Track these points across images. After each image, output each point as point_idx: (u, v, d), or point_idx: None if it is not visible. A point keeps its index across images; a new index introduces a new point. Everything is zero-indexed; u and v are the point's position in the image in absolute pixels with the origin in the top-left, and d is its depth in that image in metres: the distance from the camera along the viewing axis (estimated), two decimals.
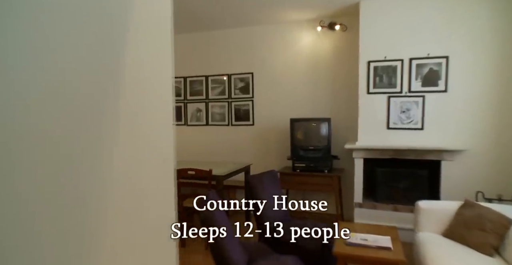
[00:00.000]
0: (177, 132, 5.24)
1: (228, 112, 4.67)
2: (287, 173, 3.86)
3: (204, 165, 4.00)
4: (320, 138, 3.81)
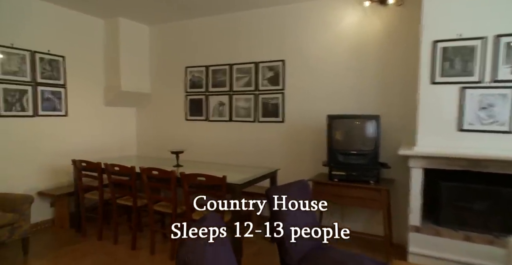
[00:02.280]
0: (196, 128, 4.70)
1: (254, 106, 4.01)
2: (322, 182, 3.13)
3: (223, 169, 3.39)
4: (365, 141, 3.03)
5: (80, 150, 4.13)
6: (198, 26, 4.35)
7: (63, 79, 3.94)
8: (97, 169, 3.30)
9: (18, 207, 2.95)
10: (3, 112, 3.39)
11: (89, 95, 4.27)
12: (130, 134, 4.89)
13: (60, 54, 3.90)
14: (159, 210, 3.06)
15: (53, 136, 3.87)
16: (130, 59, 4.44)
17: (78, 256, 3.03)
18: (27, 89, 3.59)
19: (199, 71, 4.38)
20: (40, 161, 3.75)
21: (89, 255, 3.04)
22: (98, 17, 4.32)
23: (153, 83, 4.78)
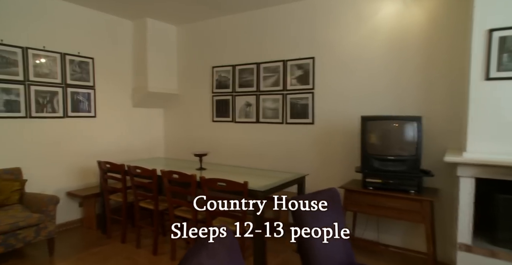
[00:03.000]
0: (223, 130, 4.56)
1: (282, 107, 3.79)
2: (355, 190, 2.84)
3: (247, 173, 3.21)
4: (404, 145, 2.70)
5: (108, 151, 4.16)
6: (225, 25, 4.22)
7: (92, 81, 3.98)
8: (121, 171, 3.26)
9: (44, 208, 2.96)
10: (34, 114, 3.46)
11: (117, 96, 4.29)
12: (158, 136, 4.87)
13: (90, 55, 3.94)
14: (180, 215, 2.94)
15: (82, 137, 3.91)
16: (157, 60, 4.41)
17: (101, 259, 2.98)
18: (57, 91, 3.65)
19: (226, 70, 4.24)
20: (69, 162, 3.80)
21: (111, 259, 2.98)
22: (127, 19, 4.33)
23: (181, 84, 4.72)
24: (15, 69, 3.30)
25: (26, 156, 3.42)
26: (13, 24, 3.28)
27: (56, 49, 3.62)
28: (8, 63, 3.26)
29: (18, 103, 3.34)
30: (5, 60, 3.24)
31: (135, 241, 3.25)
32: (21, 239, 2.80)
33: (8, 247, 2.73)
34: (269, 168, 3.71)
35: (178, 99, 4.75)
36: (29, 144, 3.44)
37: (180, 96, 4.73)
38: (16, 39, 3.30)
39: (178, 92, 4.72)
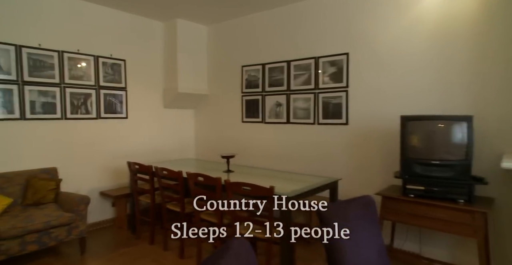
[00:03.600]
0: (252, 131, 4.42)
1: (314, 106, 3.59)
2: (394, 197, 2.57)
3: (276, 176, 3.06)
4: (451, 148, 2.40)
5: (139, 152, 4.20)
6: (254, 22, 4.09)
7: (124, 82, 4.04)
8: (149, 172, 3.25)
9: (76, 208, 3.02)
10: (69, 115, 3.56)
11: (148, 98, 4.33)
12: (188, 136, 4.86)
13: (121, 57, 4.00)
14: (206, 219, 2.85)
15: (114, 137, 3.98)
16: (187, 60, 4.39)
17: (129, 260, 2.98)
18: (91, 93, 3.74)
19: (255, 69, 4.11)
20: (102, 162, 3.89)
21: (139, 260, 2.97)
22: (158, 20, 4.36)
23: (211, 84, 4.67)
24: (51, 72, 3.42)
25: (62, 156, 3.53)
26: (49, 29, 3.39)
27: (89, 52, 3.70)
28: (45, 67, 3.37)
29: (54, 105, 3.45)
30: (43, 63, 3.36)
31: (163, 243, 3.22)
32: (54, 238, 2.87)
33: (42, 245, 2.80)
34: (300, 171, 3.52)
35: (208, 99, 4.70)
36: (65, 145, 3.55)
37: (210, 96, 4.68)
38: (52, 43, 3.41)
39: (208, 92, 4.68)
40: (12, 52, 3.15)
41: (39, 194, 3.16)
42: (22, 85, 3.22)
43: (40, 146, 3.37)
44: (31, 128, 3.30)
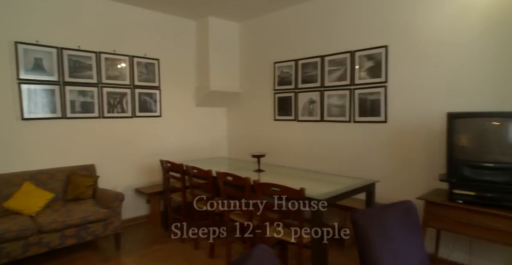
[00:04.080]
0: (284, 129, 4.30)
1: (350, 103, 3.40)
2: (439, 203, 2.34)
3: (308, 177, 2.93)
4: (508, 148, 2.12)
5: (172, 150, 4.26)
6: (287, 17, 3.96)
7: (157, 81, 4.10)
8: (180, 170, 3.26)
9: (111, 204, 3.10)
10: (106, 114, 3.68)
11: (181, 96, 4.37)
12: (221, 135, 4.85)
13: (155, 57, 4.07)
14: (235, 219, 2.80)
15: (148, 136, 4.06)
16: (219, 58, 4.37)
17: (160, 257, 3.01)
18: (126, 92, 3.83)
19: (288, 66, 3.99)
20: (137, 159, 3.98)
21: (170, 258, 2.99)
22: (190, 19, 4.38)
23: (243, 82, 4.62)
24: (89, 72, 3.55)
25: (100, 154, 3.66)
26: (87, 31, 3.52)
27: (125, 52, 3.80)
28: (84, 68, 3.51)
29: (92, 104, 3.58)
30: (82, 64, 3.49)
31: (194, 241, 3.22)
32: (91, 233, 2.97)
33: (80, 239, 2.91)
34: (333, 172, 3.35)
35: (240, 97, 4.65)
36: (102, 143, 3.68)
37: (242, 94, 4.63)
38: (90, 45, 3.54)
39: (240, 90, 4.63)
40: (54, 54, 3.30)
41: (78, 190, 3.29)
42: (63, 85, 3.37)
43: (79, 144, 3.52)
44: (71, 127, 3.45)
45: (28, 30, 3.15)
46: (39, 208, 2.97)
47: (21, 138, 3.16)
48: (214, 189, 2.93)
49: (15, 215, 2.86)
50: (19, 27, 3.10)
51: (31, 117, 3.19)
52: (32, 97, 3.19)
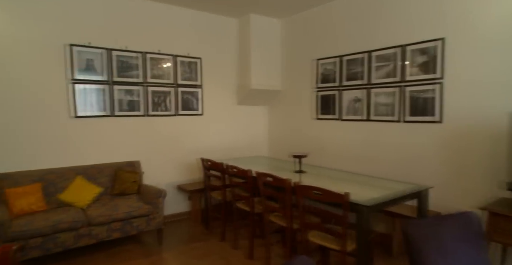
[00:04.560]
0: (327, 129, 4.13)
1: (399, 102, 3.16)
2: (506, 215, 2.07)
3: (352, 180, 2.76)
4: None
5: (214, 148, 4.29)
6: (330, 12, 3.78)
7: (199, 80, 4.15)
8: (220, 169, 3.25)
9: (153, 200, 3.18)
10: (150, 112, 3.79)
11: (222, 94, 4.38)
12: (261, 134, 4.80)
13: (197, 56, 4.11)
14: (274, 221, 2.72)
15: (190, 134, 4.13)
16: (260, 56, 4.31)
17: (199, 255, 3.04)
18: (170, 91, 3.92)
19: (331, 62, 3.81)
20: (180, 157, 4.06)
21: (209, 256, 3.00)
22: (232, 17, 4.36)
23: (283, 80, 4.52)
24: (135, 72, 3.67)
25: (144, 151, 3.78)
26: (134, 32, 3.64)
27: (168, 52, 3.88)
28: (130, 67, 3.64)
29: (138, 103, 3.71)
30: (128, 64, 3.62)
31: (233, 241, 3.20)
32: (135, 227, 3.07)
33: (124, 233, 3.02)
34: (380, 175, 3.14)
35: (281, 95, 4.56)
36: (146, 140, 3.80)
37: (283, 92, 4.53)
38: (136, 45, 3.65)
39: (281, 88, 4.54)
40: (104, 55, 3.45)
41: (124, 185, 3.42)
42: (112, 84, 3.52)
43: (125, 141, 3.66)
44: (118, 124, 3.60)
45: (80, 33, 3.32)
46: (89, 202, 3.13)
47: (74, 135, 3.36)
48: (253, 189, 2.88)
49: (68, 207, 3.05)
50: (73, 30, 3.28)
51: (83, 115, 3.37)
52: (84, 96, 3.37)
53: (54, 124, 3.24)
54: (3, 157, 3.01)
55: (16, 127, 3.06)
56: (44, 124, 3.20)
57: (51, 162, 3.24)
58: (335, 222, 2.44)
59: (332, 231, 2.11)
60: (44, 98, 3.18)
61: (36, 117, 3.15)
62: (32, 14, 3.08)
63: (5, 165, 3.00)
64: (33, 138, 3.15)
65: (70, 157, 3.34)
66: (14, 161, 3.05)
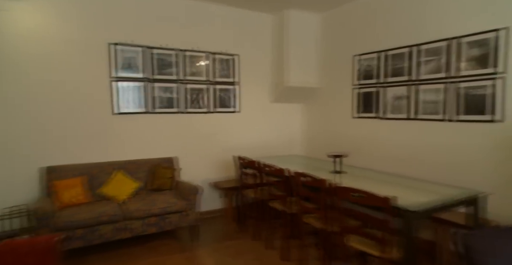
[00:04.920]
0: (366, 128, 3.90)
1: (448, 99, 2.91)
2: None
3: (396, 183, 2.59)
4: None
5: (248, 146, 4.25)
6: (371, 5, 3.58)
7: (234, 77, 4.12)
8: (254, 167, 3.20)
9: (188, 197, 3.20)
10: (186, 109, 3.83)
11: (257, 92, 4.33)
12: (296, 132, 4.69)
13: (233, 53, 4.09)
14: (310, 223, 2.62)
15: (225, 131, 4.12)
16: (296, 52, 4.20)
17: (232, 253, 3.01)
18: (204, 88, 3.93)
19: (371, 58, 3.61)
20: (214, 154, 4.07)
21: (242, 255, 2.96)
22: (268, 13, 4.29)
23: (320, 77, 4.37)
24: (172, 69, 3.72)
25: (179, 147, 3.83)
26: (171, 30, 3.68)
27: (204, 49, 3.89)
28: (167, 65, 3.69)
29: (175, 100, 3.76)
30: (166, 62, 3.68)
31: (266, 240, 3.14)
32: (170, 223, 3.10)
33: (159, 228, 3.07)
34: (426, 178, 2.92)
35: (317, 93, 4.42)
36: (182, 136, 3.84)
37: (319, 90, 4.38)
38: (173, 43, 3.70)
39: (317, 85, 4.39)
40: (142, 53, 3.53)
41: (160, 181, 3.48)
42: (150, 82, 3.59)
43: (162, 137, 3.73)
44: (155, 121, 3.67)
45: (121, 32, 3.42)
46: (127, 196, 3.21)
47: (115, 131, 3.47)
48: (288, 189, 2.80)
49: (107, 200, 3.15)
50: (113, 29, 3.38)
51: (122, 112, 3.47)
52: (123, 93, 3.47)
53: (98, 121, 3.37)
54: (52, 151, 3.17)
55: (64, 123, 3.22)
56: (89, 120, 3.33)
57: (94, 157, 3.37)
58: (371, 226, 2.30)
59: (374, 236, 1.97)
60: (90, 95, 3.32)
61: (82, 113, 3.29)
62: (77, 16, 3.21)
63: (53, 158, 3.16)
64: (79, 134, 3.30)
65: (111, 152, 3.45)
66: (61, 155, 3.21)
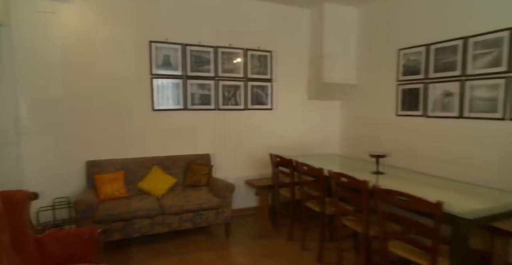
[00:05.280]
0: (410, 126, 3.65)
1: (505, 96, 2.65)
2: None
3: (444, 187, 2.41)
4: None
5: (283, 144, 4.18)
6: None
7: (270, 74, 4.06)
8: (289, 166, 3.13)
9: (222, 194, 3.20)
10: (221, 106, 3.83)
11: (293, 89, 4.24)
12: (333, 130, 4.54)
13: (268, 49, 4.02)
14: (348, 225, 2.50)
15: (259, 128, 4.08)
16: (334, 48, 4.05)
17: (266, 253, 2.96)
18: (240, 85, 3.91)
19: (416, 52, 3.39)
20: (248, 151, 4.05)
21: (276, 256, 2.91)
22: (304, 7, 4.17)
23: (360, 73, 4.18)
24: (208, 66, 3.73)
25: (214, 144, 3.85)
26: (206, 27, 3.69)
27: (239, 46, 3.86)
28: (203, 62, 3.71)
29: (209, 97, 3.77)
30: (201, 59, 3.69)
31: (301, 241, 3.06)
32: (204, 219, 3.13)
33: (194, 224, 3.10)
34: (478, 182, 2.68)
35: (356, 90, 4.24)
36: (216, 133, 3.85)
37: (359, 86, 4.20)
38: (208, 40, 3.71)
39: (356, 82, 4.22)
40: (179, 51, 3.57)
41: (195, 177, 3.52)
42: (186, 79, 3.63)
43: (197, 134, 3.76)
44: (191, 118, 3.71)
45: (158, 30, 3.48)
46: (163, 191, 3.28)
47: (152, 127, 3.55)
48: (325, 189, 2.70)
49: (145, 195, 3.23)
50: (152, 28, 3.45)
51: (160, 108, 3.54)
52: (161, 90, 3.53)
53: (137, 117, 3.47)
54: (94, 145, 3.30)
55: (109, 119, 3.35)
56: (132, 116, 3.45)
57: (132, 152, 3.47)
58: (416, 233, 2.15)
59: (422, 244, 1.83)
60: (134, 92, 3.43)
61: (123, 110, 3.40)
62: (118, 15, 3.30)
63: (95, 153, 3.30)
64: (122, 129, 3.41)
65: (148, 147, 3.54)
66: (102, 149, 3.33)
